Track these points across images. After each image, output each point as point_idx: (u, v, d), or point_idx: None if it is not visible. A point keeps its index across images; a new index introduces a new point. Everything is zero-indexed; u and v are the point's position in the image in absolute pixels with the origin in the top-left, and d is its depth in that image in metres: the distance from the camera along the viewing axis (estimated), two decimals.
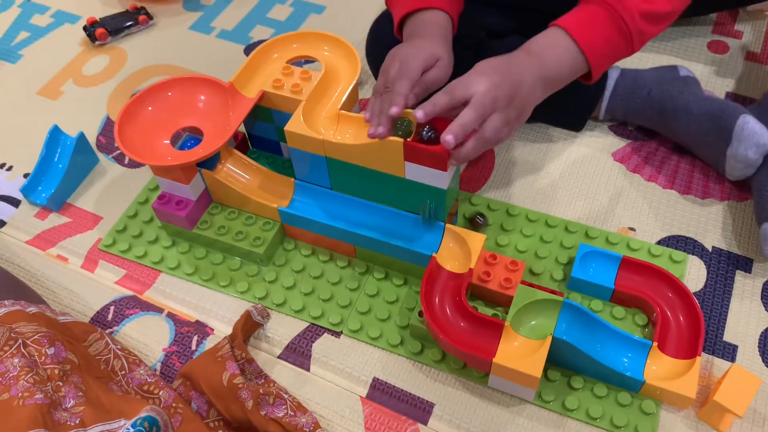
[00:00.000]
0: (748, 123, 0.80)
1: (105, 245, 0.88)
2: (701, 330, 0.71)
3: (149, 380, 0.71)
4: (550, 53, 0.73)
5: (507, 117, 0.68)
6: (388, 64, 0.73)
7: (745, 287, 0.79)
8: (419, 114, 0.66)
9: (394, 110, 0.68)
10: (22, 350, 0.63)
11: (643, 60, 1.03)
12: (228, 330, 0.79)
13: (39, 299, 0.78)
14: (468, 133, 0.66)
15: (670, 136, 0.91)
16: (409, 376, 0.75)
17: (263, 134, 0.90)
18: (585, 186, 0.90)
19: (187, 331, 0.79)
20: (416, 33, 0.77)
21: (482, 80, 0.67)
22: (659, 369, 0.70)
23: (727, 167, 0.84)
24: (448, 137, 0.64)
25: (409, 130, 0.71)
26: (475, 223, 0.85)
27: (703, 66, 1.04)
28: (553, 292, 0.72)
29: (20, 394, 0.58)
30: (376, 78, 1.01)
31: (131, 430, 0.56)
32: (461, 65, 0.85)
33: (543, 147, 0.95)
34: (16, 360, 0.61)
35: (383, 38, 0.95)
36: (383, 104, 0.70)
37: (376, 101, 0.71)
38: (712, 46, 1.07)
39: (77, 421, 0.58)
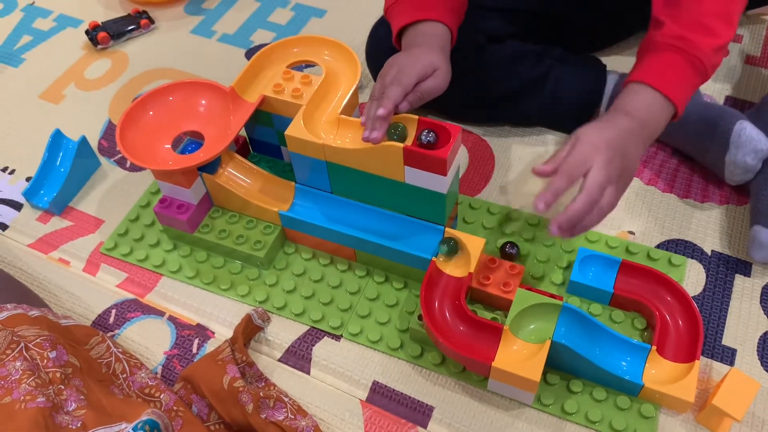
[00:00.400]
0: (745, 129, 0.80)
1: (106, 249, 0.89)
2: (700, 334, 0.71)
3: (150, 383, 0.71)
4: (648, 114, 0.73)
5: (618, 187, 0.69)
6: (386, 71, 0.74)
7: (744, 291, 0.80)
8: (540, 206, 0.65)
9: (381, 111, 0.69)
10: (24, 354, 0.63)
11: None
12: (229, 333, 0.79)
13: (41, 303, 0.78)
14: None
15: (669, 142, 0.92)
16: (408, 379, 0.75)
17: (264, 138, 0.91)
18: None
19: (188, 334, 0.80)
20: (415, 43, 0.78)
21: (596, 158, 0.67)
22: (658, 373, 0.70)
23: (726, 173, 0.84)
24: (554, 229, 0.66)
25: (404, 135, 0.71)
26: (505, 253, 0.80)
27: None
28: (552, 296, 0.72)
29: (22, 398, 0.58)
30: (376, 82, 1.02)
31: None
32: (461, 70, 0.85)
33: (542, 150, 0.96)
34: (18, 363, 0.62)
35: (383, 42, 0.95)
36: (379, 110, 0.71)
37: (372, 105, 0.72)
38: None
39: (79, 425, 0.59)
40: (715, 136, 0.83)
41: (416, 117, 0.72)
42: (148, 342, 0.79)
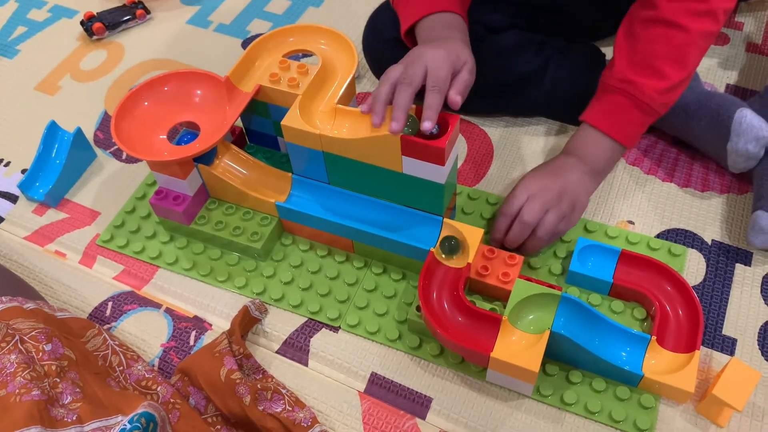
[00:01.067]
0: (745, 117, 0.80)
1: (103, 241, 0.88)
2: (700, 324, 0.71)
3: (147, 376, 0.71)
4: (590, 151, 0.81)
5: (560, 211, 0.77)
6: (413, 60, 0.70)
7: (744, 280, 0.79)
8: (494, 245, 0.80)
9: (427, 125, 0.67)
10: (20, 347, 0.63)
11: None
12: (226, 325, 0.79)
13: (37, 295, 0.78)
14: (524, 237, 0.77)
15: (670, 131, 0.91)
16: (407, 370, 0.74)
17: (260, 129, 0.90)
18: None
19: (185, 326, 0.79)
20: (437, 36, 0.77)
21: (524, 193, 0.77)
22: (658, 363, 0.70)
23: (729, 161, 0.83)
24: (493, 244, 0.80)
25: (417, 128, 0.70)
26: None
27: (704, 58, 1.02)
28: (551, 286, 0.72)
29: (17, 391, 0.58)
30: (373, 71, 1.01)
31: (128, 426, 0.56)
32: None
33: (541, 141, 0.95)
34: (13, 356, 0.61)
35: (380, 32, 0.95)
36: (403, 98, 0.68)
37: (397, 93, 0.68)
38: None
39: (74, 418, 0.58)
40: (715, 125, 0.83)
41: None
42: (145, 334, 0.79)
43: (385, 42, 0.93)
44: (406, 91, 0.68)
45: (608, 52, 0.95)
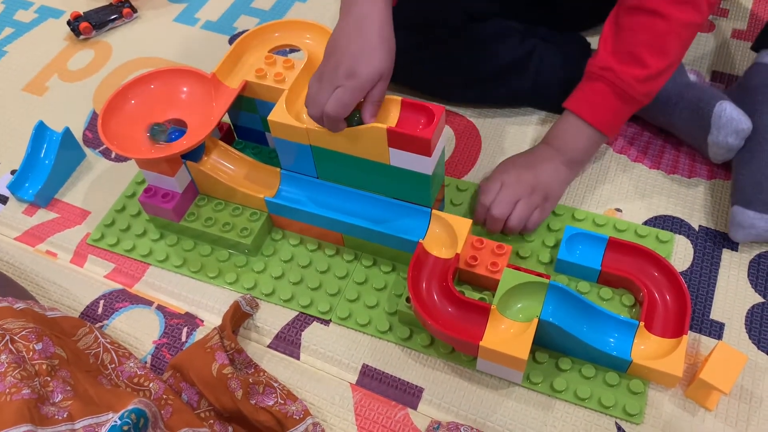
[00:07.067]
0: (725, 110, 0.80)
1: (93, 240, 0.88)
2: (688, 309, 0.71)
3: (139, 373, 0.71)
4: (568, 139, 0.82)
5: (531, 203, 0.79)
6: (338, 59, 0.66)
7: (731, 265, 0.80)
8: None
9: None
10: (10, 346, 0.63)
11: None
12: (217, 321, 0.79)
13: (27, 295, 0.78)
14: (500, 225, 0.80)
15: (654, 122, 0.91)
16: (398, 361, 0.75)
17: (248, 125, 0.90)
18: None
19: (177, 323, 0.80)
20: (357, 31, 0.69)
21: (497, 183, 0.80)
22: (646, 348, 0.70)
23: (710, 153, 0.84)
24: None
25: (362, 121, 0.70)
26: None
27: None
28: (539, 274, 0.72)
29: (7, 390, 0.58)
30: None
31: (118, 422, 0.56)
32: (443, 49, 0.85)
33: (529, 130, 0.95)
34: (3, 356, 0.61)
35: None
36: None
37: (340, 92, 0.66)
38: None
39: (65, 415, 0.58)
40: (696, 117, 0.83)
41: (399, 98, 0.72)
42: (137, 332, 0.79)
43: None
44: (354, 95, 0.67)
45: (595, 42, 0.96)
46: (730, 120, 0.79)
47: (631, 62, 0.77)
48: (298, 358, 0.76)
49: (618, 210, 0.85)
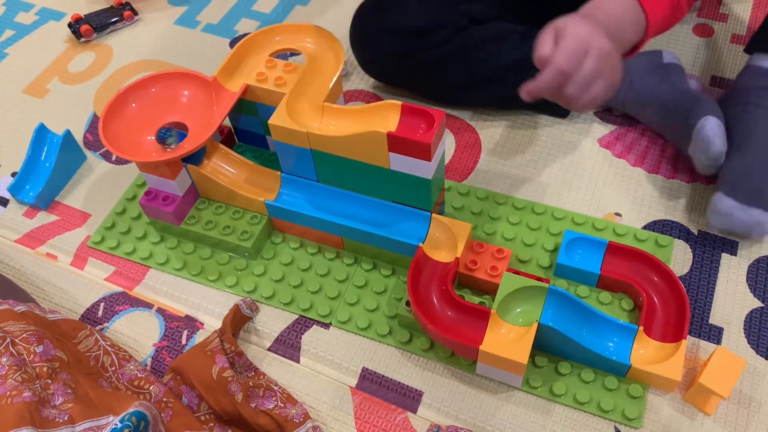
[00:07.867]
0: (704, 127, 0.79)
1: (94, 242, 0.88)
2: (687, 313, 0.71)
3: (140, 375, 0.71)
4: (618, 18, 0.73)
5: (601, 52, 0.68)
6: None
7: (730, 270, 0.80)
8: (524, 94, 0.71)
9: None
10: (11, 349, 0.63)
11: None
12: (217, 324, 0.79)
13: (28, 298, 0.78)
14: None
15: (650, 126, 0.92)
16: (397, 365, 0.75)
17: (249, 128, 0.90)
18: (571, 172, 0.90)
19: (177, 326, 0.80)
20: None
21: (552, 30, 0.69)
22: (645, 353, 0.71)
23: (695, 163, 0.84)
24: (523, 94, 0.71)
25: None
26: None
27: (688, 49, 1.04)
28: (539, 278, 0.72)
29: (8, 393, 0.58)
30: (362, 68, 1.00)
31: (119, 425, 0.57)
32: (443, 51, 0.85)
33: (529, 134, 0.96)
34: (4, 359, 0.62)
35: (367, 28, 0.95)
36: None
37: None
38: (697, 29, 1.07)
39: (66, 418, 0.59)
40: (684, 126, 0.83)
41: (399, 103, 0.72)
42: (137, 334, 0.79)
43: (372, 38, 0.94)
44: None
45: None
46: (705, 139, 0.79)
47: None
48: (298, 362, 0.76)
49: (617, 214, 0.85)
